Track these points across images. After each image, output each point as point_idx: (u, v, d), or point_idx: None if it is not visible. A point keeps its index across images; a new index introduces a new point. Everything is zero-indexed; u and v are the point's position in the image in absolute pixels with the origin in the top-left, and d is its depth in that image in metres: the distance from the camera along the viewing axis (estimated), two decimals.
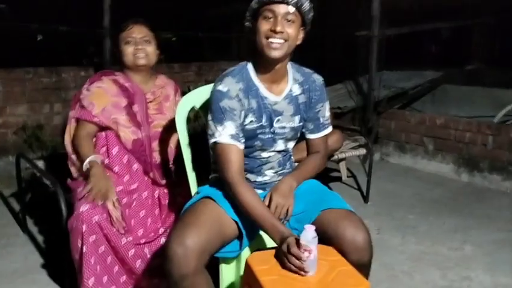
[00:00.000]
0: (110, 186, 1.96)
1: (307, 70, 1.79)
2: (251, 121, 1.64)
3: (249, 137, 1.65)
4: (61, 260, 2.13)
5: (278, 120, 1.68)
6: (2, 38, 4.95)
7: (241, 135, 1.60)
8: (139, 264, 2.00)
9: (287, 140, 1.75)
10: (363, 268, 1.50)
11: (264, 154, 1.72)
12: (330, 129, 1.83)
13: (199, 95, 1.95)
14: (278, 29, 1.53)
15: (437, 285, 2.33)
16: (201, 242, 1.39)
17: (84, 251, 1.85)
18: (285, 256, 1.35)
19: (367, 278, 1.52)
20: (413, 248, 2.74)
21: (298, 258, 1.32)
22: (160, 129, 2.19)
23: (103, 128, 2.11)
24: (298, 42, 1.64)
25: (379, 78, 4.48)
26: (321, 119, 1.79)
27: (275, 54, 1.57)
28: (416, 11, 5.77)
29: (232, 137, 1.58)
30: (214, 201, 1.57)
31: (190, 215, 1.51)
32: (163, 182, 2.17)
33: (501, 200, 3.56)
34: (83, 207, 1.86)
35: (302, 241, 1.33)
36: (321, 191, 1.74)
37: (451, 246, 2.77)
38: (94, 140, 2.14)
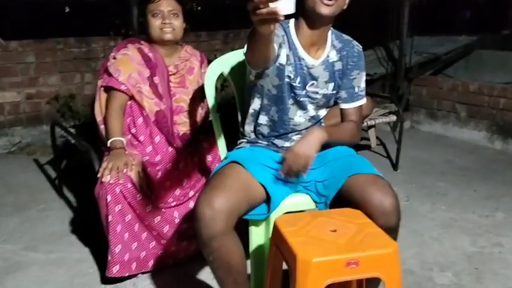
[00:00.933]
0: (130, 160, 1.97)
1: (346, 37, 1.75)
2: (289, 75, 1.63)
3: (283, 94, 1.65)
4: (96, 224, 2.21)
5: (312, 84, 1.67)
6: (32, 10, 5.03)
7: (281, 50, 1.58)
8: (166, 230, 2.06)
9: (318, 106, 1.73)
10: (390, 232, 1.48)
11: (295, 118, 1.71)
12: (364, 100, 1.78)
13: (227, 61, 1.94)
14: None
15: (467, 251, 2.31)
16: (228, 203, 1.41)
17: (110, 220, 1.90)
18: (252, 12, 1.16)
19: (396, 238, 1.52)
20: (442, 215, 2.72)
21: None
22: (182, 104, 2.18)
23: (130, 98, 2.12)
24: (345, 7, 1.60)
25: (410, 43, 4.36)
26: (356, 89, 1.74)
27: (326, 11, 1.54)
28: None
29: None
30: (242, 165, 1.59)
31: (218, 178, 1.53)
32: (188, 151, 2.19)
33: None
34: (106, 178, 1.90)
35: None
36: (349, 156, 1.72)
37: (482, 213, 2.73)
38: None
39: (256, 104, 1.73)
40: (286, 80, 1.64)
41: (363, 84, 1.76)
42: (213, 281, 2.01)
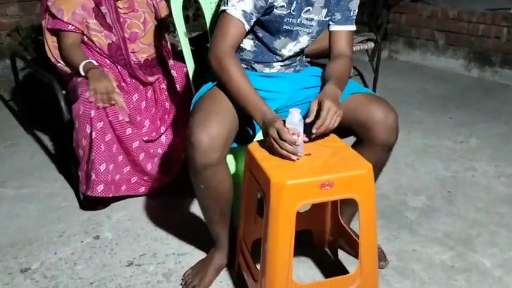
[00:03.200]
0: (110, 81, 1.88)
1: None
2: (282, 6, 1.49)
3: (274, 23, 1.53)
4: (66, 156, 2.14)
5: (308, 10, 1.54)
6: None
7: (253, 17, 1.47)
8: (142, 157, 2.01)
9: (312, 36, 1.61)
10: (388, 150, 1.52)
11: (284, 49, 1.60)
12: (354, 27, 1.65)
13: None
14: None
15: (440, 175, 2.34)
16: (225, 130, 1.35)
17: (94, 137, 1.84)
18: (276, 142, 1.29)
19: (387, 161, 1.55)
20: (417, 141, 2.73)
21: (291, 143, 1.28)
22: (135, 30, 2.05)
23: (82, 34, 1.98)
24: None
25: None
26: (351, 12, 1.62)
27: None
28: None
29: (245, 14, 1.44)
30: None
31: (208, 103, 1.44)
32: (152, 79, 2.09)
33: (511, 95, 3.49)
34: (89, 93, 1.82)
35: (289, 124, 1.29)
36: None
37: (456, 139, 2.75)
38: None
39: None
40: (283, 11, 1.51)
41: (356, 10, 1.64)
42: (189, 212, 2.01)
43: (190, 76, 1.81)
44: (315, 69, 1.71)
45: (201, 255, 1.71)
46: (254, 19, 1.48)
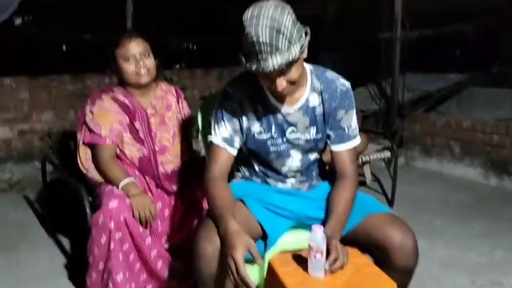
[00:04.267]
0: (151, 204, 1.96)
1: (330, 76, 1.59)
2: (260, 131, 1.56)
3: (261, 148, 1.59)
4: (86, 263, 2.14)
5: (292, 131, 1.57)
6: (28, 46, 5.07)
7: (236, 139, 1.55)
8: (160, 265, 2.01)
9: (305, 151, 1.61)
10: (408, 274, 1.46)
11: (284, 167, 1.63)
12: (357, 140, 1.61)
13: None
14: (279, 89, 1.39)
15: None
16: None
17: (112, 248, 1.86)
18: (232, 275, 1.29)
19: (409, 282, 1.49)
20: (441, 253, 2.66)
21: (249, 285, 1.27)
22: (165, 143, 2.15)
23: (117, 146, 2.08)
24: (305, 56, 1.42)
25: (402, 81, 4.41)
26: (346, 129, 1.58)
27: (286, 94, 1.46)
28: (440, 13, 5.66)
29: (225, 140, 1.54)
30: (241, 200, 1.55)
31: None
32: (175, 189, 2.15)
33: None
34: (113, 204, 1.86)
35: (311, 242, 1.29)
36: (357, 196, 1.61)
37: (480, 251, 2.68)
38: None
39: (242, 154, 1.68)
40: (263, 136, 1.57)
41: (354, 123, 1.60)
42: None
43: None
44: (330, 188, 1.65)
45: None
46: (238, 141, 1.56)
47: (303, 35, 1.37)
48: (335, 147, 1.60)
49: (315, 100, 1.56)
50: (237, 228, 1.34)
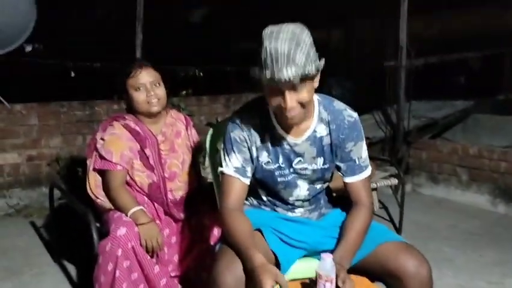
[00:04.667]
0: (159, 234, 1.96)
1: (338, 107, 1.59)
2: (268, 161, 1.56)
3: (269, 178, 1.58)
4: None
5: (299, 161, 1.57)
6: (38, 74, 5.16)
7: (248, 169, 1.54)
8: None
9: (312, 181, 1.61)
10: None
11: (291, 197, 1.63)
12: (369, 171, 1.60)
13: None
14: (289, 106, 1.38)
15: None
16: None
17: (117, 276, 1.84)
18: None
19: None
20: (450, 281, 2.62)
21: None
22: (174, 169, 2.16)
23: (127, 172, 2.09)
24: (316, 85, 1.44)
25: (408, 108, 4.44)
26: (357, 160, 1.57)
27: (293, 120, 1.44)
28: (444, 41, 5.73)
29: (237, 170, 1.53)
30: (259, 230, 1.53)
31: None
32: (183, 216, 2.15)
33: None
34: (121, 231, 1.86)
35: (321, 271, 1.29)
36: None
37: (490, 280, 2.64)
38: None
39: (250, 184, 1.64)
40: (271, 166, 1.56)
41: (364, 154, 1.59)
42: None
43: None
44: (341, 216, 1.66)
45: None
46: (250, 170, 1.55)
47: (318, 59, 1.39)
48: (348, 179, 1.60)
49: (322, 131, 1.57)
50: (263, 261, 1.33)
